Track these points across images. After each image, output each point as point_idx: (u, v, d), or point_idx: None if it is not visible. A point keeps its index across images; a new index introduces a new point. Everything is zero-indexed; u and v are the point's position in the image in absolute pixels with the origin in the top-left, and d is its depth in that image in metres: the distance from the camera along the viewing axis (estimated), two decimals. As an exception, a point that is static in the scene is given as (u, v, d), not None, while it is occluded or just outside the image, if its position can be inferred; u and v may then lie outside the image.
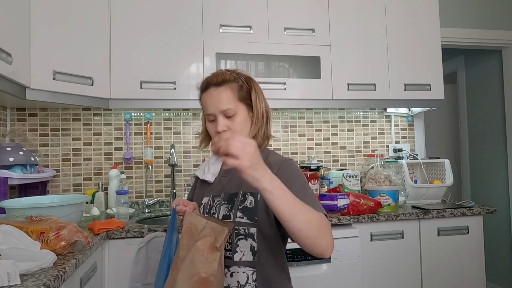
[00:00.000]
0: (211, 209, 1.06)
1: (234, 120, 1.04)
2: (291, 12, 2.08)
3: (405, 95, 2.21)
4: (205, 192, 1.13)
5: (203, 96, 1.08)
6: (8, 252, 0.94)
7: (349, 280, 1.67)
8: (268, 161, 1.03)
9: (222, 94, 1.04)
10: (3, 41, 1.33)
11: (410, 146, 2.59)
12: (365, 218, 1.79)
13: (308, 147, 2.46)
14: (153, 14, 1.94)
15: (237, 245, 0.98)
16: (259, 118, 1.07)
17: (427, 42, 2.26)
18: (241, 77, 1.08)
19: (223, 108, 1.03)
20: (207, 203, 1.08)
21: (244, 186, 1.03)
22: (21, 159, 1.76)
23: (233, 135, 0.82)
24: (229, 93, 1.04)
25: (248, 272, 0.96)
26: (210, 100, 1.05)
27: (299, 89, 2.07)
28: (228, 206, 1.02)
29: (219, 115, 1.04)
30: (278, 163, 1.02)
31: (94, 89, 1.82)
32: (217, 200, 1.06)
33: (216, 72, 1.10)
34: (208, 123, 1.09)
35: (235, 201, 1.02)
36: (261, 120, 1.08)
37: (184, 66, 1.96)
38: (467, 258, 1.93)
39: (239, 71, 1.10)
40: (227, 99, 1.03)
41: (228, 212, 1.01)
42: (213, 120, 1.06)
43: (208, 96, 1.06)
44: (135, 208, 2.14)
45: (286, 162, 1.03)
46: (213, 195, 1.08)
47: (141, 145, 2.24)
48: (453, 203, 2.12)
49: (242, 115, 1.06)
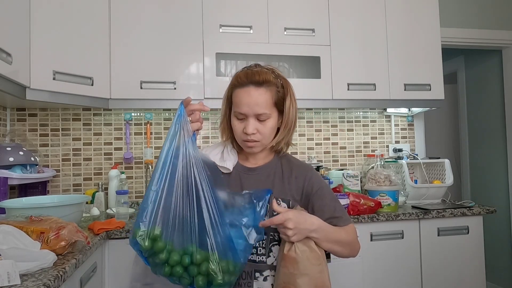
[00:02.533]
0: None
1: (265, 125, 1.00)
2: (291, 12, 2.08)
3: (405, 95, 2.21)
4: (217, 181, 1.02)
5: (239, 91, 0.99)
6: (8, 252, 0.94)
7: (349, 280, 1.67)
8: (292, 165, 1.08)
9: (261, 97, 0.97)
10: (3, 41, 1.33)
11: (410, 146, 2.59)
12: (365, 218, 1.79)
13: (308, 147, 2.46)
14: (153, 14, 1.94)
15: (270, 250, 0.98)
16: (288, 124, 1.03)
17: (427, 42, 2.26)
18: (280, 80, 1.02)
19: (258, 112, 0.97)
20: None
21: (276, 191, 1.01)
22: (21, 159, 1.76)
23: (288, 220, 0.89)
24: (268, 96, 0.98)
25: None
26: (248, 99, 0.97)
27: (299, 89, 2.03)
28: None
29: (252, 117, 0.98)
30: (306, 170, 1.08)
31: (94, 89, 1.82)
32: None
33: (257, 69, 1.01)
34: (234, 119, 1.02)
35: (267, 205, 0.99)
36: (288, 128, 1.04)
37: (184, 66, 1.96)
38: (467, 258, 1.93)
39: (278, 72, 1.04)
40: (265, 103, 0.98)
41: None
42: (242, 118, 1.00)
43: (245, 95, 0.98)
44: (135, 208, 2.14)
45: (313, 171, 1.09)
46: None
47: (141, 145, 2.24)
48: (453, 203, 2.12)
49: (274, 121, 1.01)
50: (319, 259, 0.92)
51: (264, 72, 0.99)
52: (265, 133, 1.00)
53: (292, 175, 1.05)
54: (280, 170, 1.07)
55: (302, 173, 1.05)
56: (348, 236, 1.01)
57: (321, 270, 0.91)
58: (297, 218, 0.90)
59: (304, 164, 1.10)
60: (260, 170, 1.06)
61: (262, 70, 1.00)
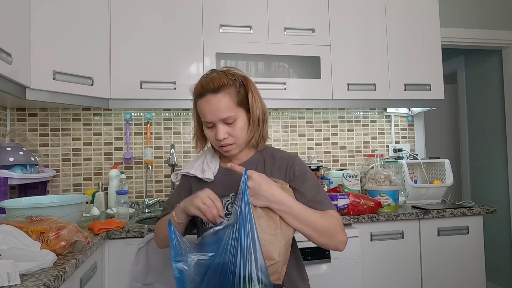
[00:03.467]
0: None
1: (234, 127, 1.01)
2: (291, 12, 2.08)
3: (405, 95, 2.21)
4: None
5: (199, 102, 1.02)
6: (8, 252, 0.94)
7: (349, 280, 1.67)
8: (275, 157, 1.09)
9: (220, 102, 0.99)
10: (3, 41, 1.33)
11: (410, 146, 2.59)
12: (365, 218, 1.79)
13: (308, 147, 2.46)
14: (153, 14, 1.94)
15: None
16: (255, 121, 1.04)
17: (427, 42, 2.26)
18: (238, 79, 1.03)
19: (223, 117, 0.99)
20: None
21: None
22: (21, 159, 1.76)
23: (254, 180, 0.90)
24: (228, 99, 0.99)
25: None
26: (209, 108, 1.00)
27: (299, 89, 2.07)
28: None
29: (219, 123, 1.00)
30: (288, 159, 1.07)
31: (94, 89, 1.82)
32: (227, 201, 1.02)
33: (211, 75, 1.02)
34: (206, 128, 1.05)
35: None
36: (258, 123, 1.05)
37: (184, 66, 1.96)
38: (467, 258, 1.93)
39: (234, 71, 1.05)
40: (227, 107, 0.99)
41: None
42: (212, 126, 1.02)
43: (206, 104, 1.00)
44: (135, 208, 2.14)
45: (296, 158, 1.08)
46: (220, 196, 1.01)
47: (141, 145, 2.24)
48: (453, 203, 2.12)
49: (242, 120, 1.03)
50: (275, 230, 0.91)
51: (218, 77, 1.01)
52: (237, 135, 1.02)
53: (275, 165, 1.07)
54: (262, 163, 1.08)
55: (284, 161, 1.07)
56: (325, 221, 0.95)
57: (272, 240, 0.89)
58: (259, 180, 0.90)
59: (287, 154, 1.11)
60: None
61: (215, 76, 1.01)
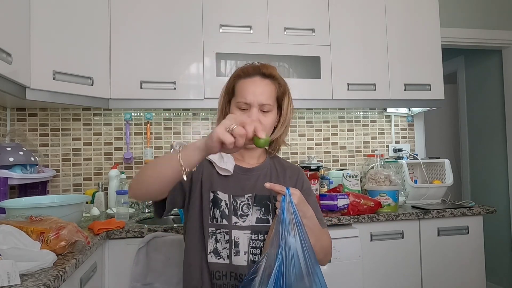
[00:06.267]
0: (236, 211, 0.99)
1: (267, 117, 1.01)
2: (291, 12, 2.08)
3: (405, 95, 2.21)
4: (218, 186, 1.02)
5: (244, 81, 1.01)
6: (8, 252, 0.94)
7: (349, 280, 1.67)
8: (284, 165, 1.13)
9: (267, 88, 1.01)
10: (3, 41, 1.33)
11: (410, 146, 2.59)
12: (365, 218, 1.79)
13: (308, 147, 2.46)
14: (153, 14, 1.94)
15: None
16: (284, 121, 1.07)
17: (427, 42, 2.26)
18: (282, 79, 1.07)
19: (263, 102, 0.99)
20: (229, 203, 1.00)
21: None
22: (21, 159, 1.76)
23: None
24: (273, 89, 1.02)
25: None
26: (253, 88, 0.99)
27: (299, 89, 2.07)
28: (261, 209, 1.00)
29: (255, 107, 0.99)
30: (297, 170, 1.13)
31: (94, 89, 1.82)
32: (242, 201, 1.01)
33: (263, 63, 1.05)
34: (236, 110, 1.01)
35: (269, 204, 1.00)
36: (285, 126, 1.08)
37: (184, 66, 1.96)
38: (467, 258, 1.93)
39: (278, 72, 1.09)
40: (270, 94, 1.01)
41: (264, 215, 1.00)
42: (245, 109, 1.00)
43: (251, 84, 1.00)
44: (135, 208, 2.14)
45: (302, 171, 1.14)
46: (233, 195, 1.00)
47: (141, 145, 2.24)
48: (453, 203, 2.12)
49: (274, 115, 1.04)
50: None
51: (271, 66, 1.05)
52: (266, 126, 1.01)
53: (286, 174, 1.10)
54: (274, 169, 1.10)
55: (294, 172, 1.12)
56: (328, 240, 1.02)
57: None
58: (301, 197, 0.91)
59: (294, 165, 1.17)
60: (257, 170, 1.08)
61: (268, 64, 1.05)
